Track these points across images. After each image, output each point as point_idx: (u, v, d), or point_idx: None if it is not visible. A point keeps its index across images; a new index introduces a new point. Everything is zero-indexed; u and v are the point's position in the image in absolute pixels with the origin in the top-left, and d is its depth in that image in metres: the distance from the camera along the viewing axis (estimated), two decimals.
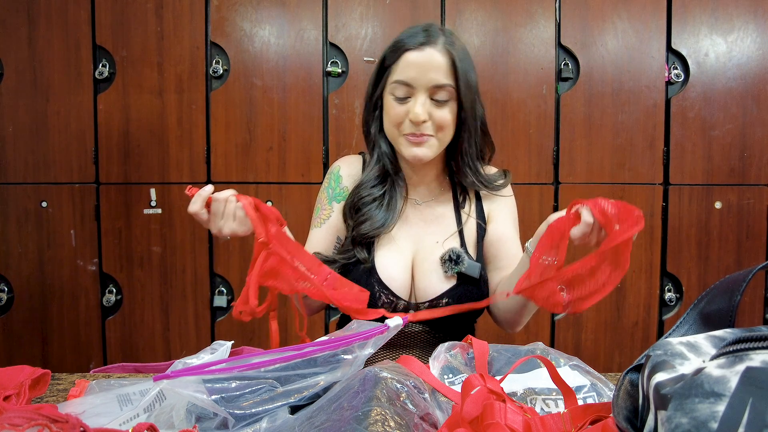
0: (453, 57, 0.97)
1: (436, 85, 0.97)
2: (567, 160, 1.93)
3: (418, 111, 0.97)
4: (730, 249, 1.93)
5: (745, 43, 1.90)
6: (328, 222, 1.11)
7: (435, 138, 1.01)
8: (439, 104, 0.99)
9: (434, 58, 0.97)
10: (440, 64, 0.97)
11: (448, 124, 1.00)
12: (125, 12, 1.92)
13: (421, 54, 0.97)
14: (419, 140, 1.00)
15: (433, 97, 0.98)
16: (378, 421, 0.48)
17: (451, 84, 0.98)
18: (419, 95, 0.98)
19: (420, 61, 0.97)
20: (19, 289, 1.99)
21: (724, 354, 0.36)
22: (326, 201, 1.13)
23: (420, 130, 0.99)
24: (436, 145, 1.01)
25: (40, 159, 1.95)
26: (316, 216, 1.14)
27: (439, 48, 0.98)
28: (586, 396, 0.60)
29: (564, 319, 1.96)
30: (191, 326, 1.98)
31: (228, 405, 0.58)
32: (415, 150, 1.00)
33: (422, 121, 0.98)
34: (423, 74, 0.97)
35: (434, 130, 1.00)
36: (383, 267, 1.05)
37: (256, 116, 1.93)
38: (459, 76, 0.97)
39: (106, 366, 0.87)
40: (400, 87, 0.99)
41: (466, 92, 0.99)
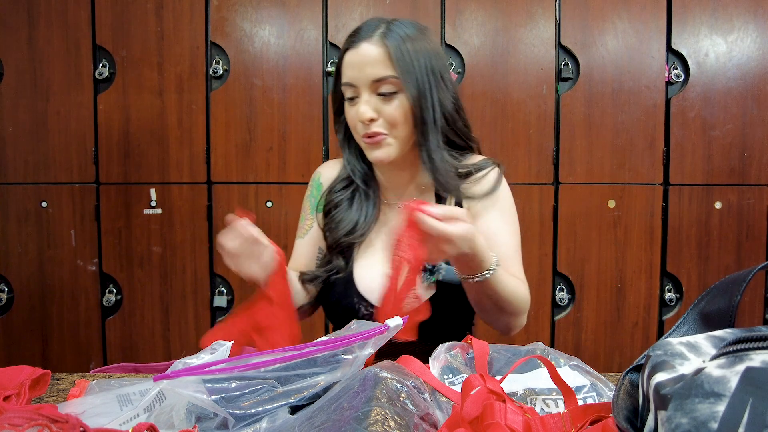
0: (388, 46, 0.92)
1: (375, 79, 0.93)
2: (567, 160, 1.93)
3: (362, 110, 0.93)
4: (730, 249, 1.93)
5: (745, 43, 1.90)
6: (310, 233, 1.09)
7: (390, 136, 0.95)
8: (387, 98, 0.93)
9: (369, 52, 0.93)
10: (376, 56, 0.92)
11: (399, 119, 0.94)
12: (125, 12, 1.92)
13: (356, 51, 0.94)
14: (375, 141, 0.95)
15: (378, 92, 0.93)
16: (378, 421, 0.48)
17: (391, 74, 0.92)
18: (363, 93, 0.94)
19: (356, 59, 0.94)
20: (19, 289, 1.99)
21: (724, 354, 0.36)
22: (309, 210, 1.10)
23: (371, 129, 0.94)
24: (395, 143, 0.96)
25: (40, 159, 1.95)
26: (300, 225, 1.11)
27: (374, 40, 0.93)
28: (586, 396, 0.60)
29: (564, 319, 1.96)
30: (191, 326, 1.98)
31: (228, 405, 0.58)
32: (374, 153, 0.96)
33: (368, 119, 0.93)
34: (361, 71, 0.93)
35: (387, 127, 0.95)
36: (361, 278, 1.01)
37: (256, 116, 1.93)
38: (396, 64, 0.92)
39: (106, 366, 0.87)
40: (347, 89, 0.96)
41: (411, 80, 0.92)
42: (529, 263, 1.92)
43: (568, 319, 1.96)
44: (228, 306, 1.98)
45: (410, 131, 0.96)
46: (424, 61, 0.94)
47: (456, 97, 1.00)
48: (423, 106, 0.94)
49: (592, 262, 1.94)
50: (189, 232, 1.96)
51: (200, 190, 1.95)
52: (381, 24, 0.96)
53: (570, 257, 1.94)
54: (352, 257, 1.03)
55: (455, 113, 1.00)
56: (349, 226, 1.02)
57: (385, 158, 0.96)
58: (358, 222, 1.02)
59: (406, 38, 0.94)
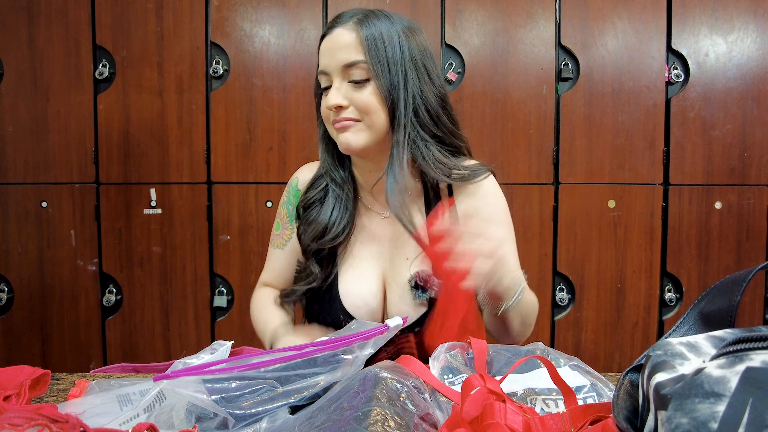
0: (359, 31, 0.88)
1: (345, 64, 0.89)
2: (567, 160, 1.93)
3: (331, 96, 0.89)
4: (730, 249, 1.93)
5: (745, 44, 1.90)
6: (289, 244, 1.03)
7: (362, 122, 0.90)
8: (358, 85, 0.89)
9: (341, 38, 0.89)
10: (347, 41, 0.89)
11: (371, 105, 0.89)
12: (125, 12, 1.92)
13: (330, 37, 0.91)
14: (342, 125, 0.90)
15: (350, 80, 0.89)
16: (378, 421, 0.48)
17: (362, 60, 0.88)
18: (335, 80, 0.90)
19: (330, 44, 0.91)
20: (19, 289, 1.99)
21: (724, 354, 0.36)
22: (287, 218, 1.04)
23: (340, 116, 0.90)
24: (365, 130, 0.90)
25: (40, 159, 1.95)
26: (277, 233, 1.05)
27: (348, 26, 0.90)
28: (586, 396, 0.60)
29: (564, 319, 1.96)
30: (191, 326, 1.98)
31: (228, 405, 0.58)
32: (342, 137, 0.91)
33: (336, 106, 0.89)
34: (332, 57, 0.90)
35: (358, 114, 0.90)
36: (347, 293, 0.95)
37: (256, 116, 1.93)
38: (367, 49, 0.88)
39: (106, 366, 0.87)
40: (322, 77, 0.93)
41: (382, 67, 0.88)
42: (529, 263, 1.93)
43: (568, 319, 1.96)
44: (228, 306, 1.98)
45: (384, 121, 0.90)
46: (402, 51, 0.90)
47: (443, 95, 0.95)
48: (395, 96, 0.89)
49: (592, 262, 1.94)
50: (189, 232, 1.96)
51: (200, 190, 1.95)
52: (360, 12, 0.92)
53: (570, 257, 1.94)
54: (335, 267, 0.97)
55: (440, 109, 0.93)
56: (318, 228, 0.96)
57: (353, 143, 0.90)
58: (329, 225, 0.96)
59: (384, 26, 0.90)
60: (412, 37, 0.93)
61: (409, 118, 0.90)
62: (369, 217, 1.00)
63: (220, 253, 1.96)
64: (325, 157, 1.01)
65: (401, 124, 0.90)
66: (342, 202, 0.98)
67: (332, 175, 0.99)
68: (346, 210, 0.97)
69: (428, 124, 0.92)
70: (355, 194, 1.01)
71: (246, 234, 1.95)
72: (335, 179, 0.99)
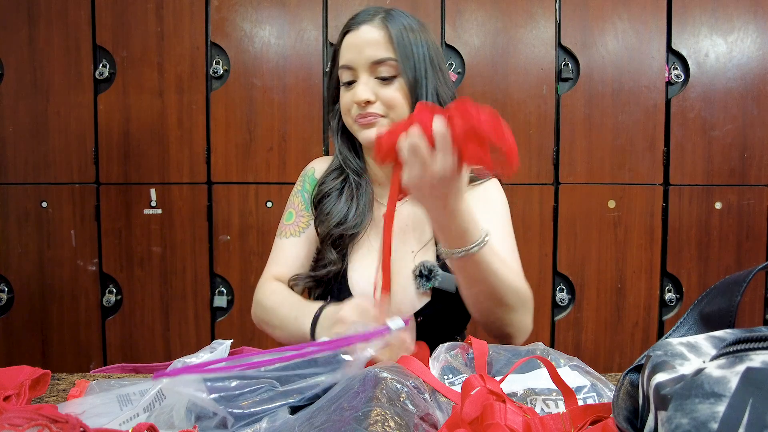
0: (389, 29, 0.92)
1: (374, 60, 0.92)
2: (567, 160, 1.93)
3: (359, 91, 0.92)
4: (730, 249, 1.93)
5: (745, 44, 1.90)
6: (307, 231, 1.03)
7: (387, 118, 0.93)
8: (385, 82, 0.92)
9: (370, 34, 0.92)
10: (376, 38, 0.92)
11: (397, 102, 0.92)
12: (125, 12, 1.92)
13: (357, 33, 0.93)
14: (368, 121, 0.92)
15: (377, 76, 0.92)
16: (378, 421, 0.48)
17: (391, 57, 0.91)
18: (362, 75, 0.93)
19: (356, 40, 0.93)
20: (19, 289, 1.99)
21: (724, 354, 0.36)
22: (302, 206, 1.05)
23: (366, 111, 0.92)
24: (388, 125, 0.93)
25: (40, 159, 1.95)
26: (290, 222, 1.04)
27: (376, 23, 0.93)
28: (586, 396, 0.60)
29: (564, 319, 1.96)
30: (191, 326, 1.98)
31: (228, 404, 0.58)
32: (366, 132, 0.93)
33: (365, 101, 0.91)
34: (360, 52, 0.92)
35: (384, 110, 0.93)
36: (355, 282, 0.97)
37: (256, 116, 1.93)
38: (396, 47, 0.91)
39: (106, 366, 0.87)
40: (344, 72, 0.95)
41: (409, 65, 0.92)
42: (529, 263, 1.92)
43: (568, 319, 1.96)
44: (228, 306, 1.98)
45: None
46: (423, 50, 0.94)
47: (453, 93, 0.99)
48: (419, 93, 0.93)
49: (592, 263, 1.94)
50: (189, 232, 1.96)
51: (200, 190, 1.95)
52: (382, 10, 0.96)
53: (570, 257, 1.94)
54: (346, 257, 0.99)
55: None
56: (339, 216, 0.98)
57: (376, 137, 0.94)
58: (349, 213, 0.98)
59: (407, 25, 0.94)
60: (428, 35, 0.97)
61: None
62: (379, 210, 1.02)
63: (220, 253, 1.96)
64: (342, 148, 1.03)
65: None
66: (362, 193, 1.00)
67: (350, 164, 1.02)
68: (364, 200, 1.00)
69: None
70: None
71: (246, 234, 1.95)
72: (354, 169, 1.02)
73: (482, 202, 0.99)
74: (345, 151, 1.03)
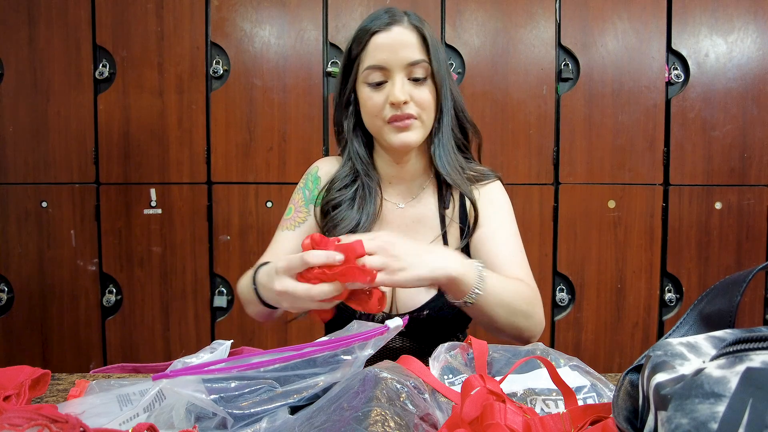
0: (422, 32, 0.94)
1: (411, 62, 0.93)
2: (567, 160, 1.93)
3: (398, 92, 0.92)
4: (730, 249, 1.93)
5: (745, 44, 1.90)
6: (303, 226, 1.04)
7: (419, 120, 0.95)
8: (418, 83, 0.95)
9: (404, 36, 0.94)
10: (411, 40, 0.94)
11: (429, 103, 0.95)
12: (125, 12, 1.92)
13: (390, 34, 0.94)
14: (405, 124, 0.94)
15: (410, 77, 0.94)
16: (378, 421, 0.48)
17: (425, 59, 0.94)
18: (396, 76, 0.93)
19: (390, 41, 0.93)
20: (19, 289, 1.99)
21: (724, 354, 0.36)
22: (302, 203, 1.06)
23: (403, 111, 0.93)
24: (421, 127, 0.96)
25: (40, 159, 1.95)
26: (288, 217, 1.06)
27: (406, 25, 0.95)
28: (586, 396, 0.60)
29: (564, 319, 1.96)
30: (191, 326, 1.98)
31: (227, 405, 0.58)
32: (402, 136, 0.95)
33: (403, 101, 0.93)
34: (395, 53, 0.93)
35: (418, 111, 0.95)
36: None
37: (256, 116, 1.93)
38: (431, 50, 0.94)
39: (106, 366, 0.87)
40: (374, 72, 0.94)
41: (439, 67, 0.95)
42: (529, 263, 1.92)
43: (568, 319, 1.96)
44: (228, 306, 1.98)
45: (433, 119, 0.98)
46: (443, 54, 0.99)
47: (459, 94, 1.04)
48: (444, 94, 0.97)
49: (592, 263, 1.94)
50: (189, 232, 1.96)
51: (200, 190, 1.95)
52: (401, 12, 0.97)
53: (570, 257, 1.94)
54: None
55: (463, 104, 1.03)
56: (351, 225, 0.99)
57: (413, 141, 0.96)
58: (360, 221, 1.00)
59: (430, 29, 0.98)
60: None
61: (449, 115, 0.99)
62: (386, 208, 1.04)
63: (220, 253, 1.96)
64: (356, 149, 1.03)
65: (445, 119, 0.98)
66: (372, 199, 1.02)
67: (365, 168, 1.03)
68: (374, 206, 1.02)
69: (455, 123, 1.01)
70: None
71: (246, 234, 1.95)
72: (368, 173, 1.03)
73: (488, 204, 1.03)
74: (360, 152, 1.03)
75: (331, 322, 0.99)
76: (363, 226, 1.00)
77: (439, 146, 0.99)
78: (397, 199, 1.05)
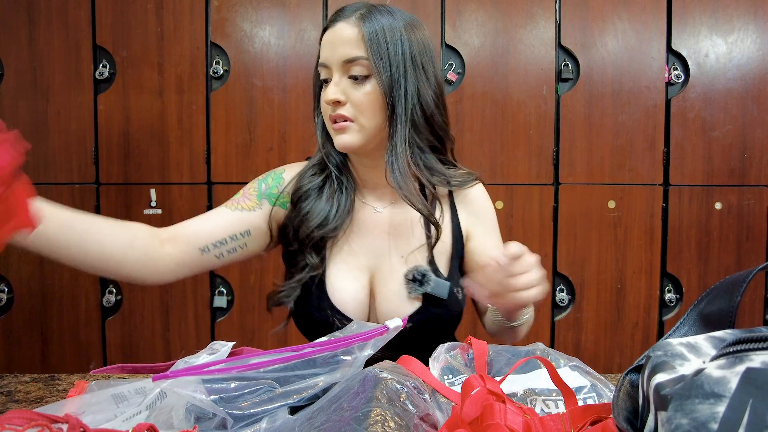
0: (362, 27, 0.88)
1: (346, 59, 0.88)
2: (567, 160, 1.93)
3: (329, 91, 0.89)
4: (730, 250, 1.93)
5: (745, 44, 1.90)
6: (246, 213, 0.96)
7: (356, 123, 0.89)
8: (357, 82, 0.88)
9: (343, 32, 0.88)
10: (349, 36, 0.88)
11: (366, 104, 0.88)
12: (125, 12, 1.92)
13: (333, 30, 0.90)
14: (340, 126, 0.90)
15: (349, 75, 0.89)
16: (378, 421, 0.48)
17: (362, 56, 0.87)
18: (334, 74, 0.89)
19: (330, 37, 0.90)
20: (19, 289, 1.99)
21: (724, 355, 0.36)
22: (254, 192, 0.99)
23: (336, 111, 0.89)
24: (360, 131, 0.90)
25: (40, 159, 1.95)
26: (235, 198, 0.99)
27: (351, 21, 0.89)
28: (586, 397, 0.60)
29: (564, 319, 1.96)
30: (191, 326, 1.98)
31: (227, 405, 0.58)
32: (338, 138, 0.91)
33: (333, 100, 0.88)
34: (333, 50, 0.89)
35: (353, 113, 0.89)
36: (335, 289, 0.93)
37: (257, 117, 1.93)
38: (368, 46, 0.87)
39: (106, 367, 0.87)
40: (321, 70, 0.92)
41: (383, 64, 0.87)
42: None
43: (568, 319, 1.96)
44: (228, 306, 1.98)
45: (380, 121, 0.90)
46: (403, 48, 0.89)
47: (439, 93, 0.94)
48: (395, 94, 0.88)
49: (592, 263, 1.94)
50: None
51: (200, 190, 1.95)
52: (363, 6, 0.91)
53: (570, 258, 1.94)
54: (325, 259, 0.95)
55: (435, 108, 0.93)
56: (320, 217, 0.93)
57: (347, 144, 0.90)
58: (330, 213, 0.94)
59: (387, 22, 0.89)
60: (413, 33, 0.92)
61: (408, 116, 0.90)
62: (363, 211, 0.99)
63: None
64: (325, 143, 0.99)
65: (399, 122, 0.89)
66: (343, 192, 0.96)
67: (333, 159, 0.97)
68: (346, 200, 0.96)
69: (422, 125, 0.92)
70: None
71: None
72: (336, 164, 0.97)
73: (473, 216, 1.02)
74: (328, 147, 0.98)
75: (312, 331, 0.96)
76: (333, 220, 0.94)
77: (392, 153, 0.90)
78: (375, 203, 0.99)
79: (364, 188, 1.00)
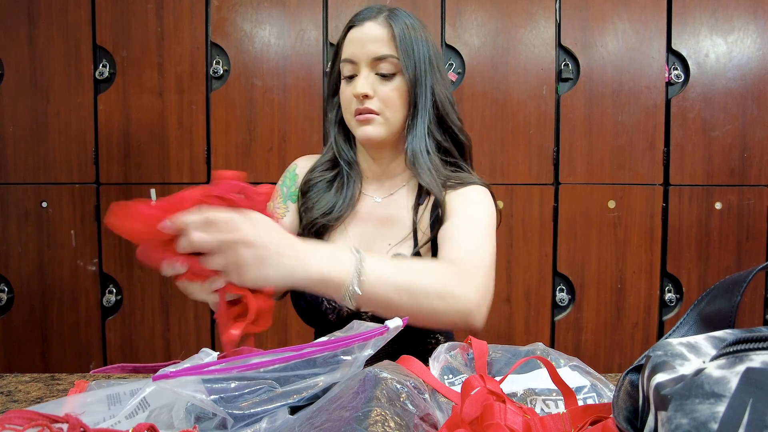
0: (393, 28, 0.95)
1: (376, 57, 0.95)
2: (567, 160, 1.93)
3: (359, 85, 0.95)
4: (730, 250, 1.93)
5: (746, 44, 1.90)
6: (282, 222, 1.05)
7: (381, 116, 0.96)
8: (385, 79, 0.96)
9: (373, 31, 0.96)
10: (379, 35, 0.95)
11: (394, 99, 0.96)
12: (125, 12, 1.92)
13: (362, 29, 0.97)
14: (365, 118, 0.96)
15: (377, 72, 0.96)
16: (378, 421, 0.48)
17: (392, 54, 0.95)
18: (362, 70, 0.96)
19: (359, 36, 0.96)
20: (19, 289, 1.99)
21: (724, 355, 0.36)
22: (280, 200, 1.08)
23: (364, 105, 0.95)
24: (384, 124, 0.97)
25: (41, 159, 1.95)
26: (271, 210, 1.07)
27: (380, 21, 0.96)
28: (586, 397, 0.60)
29: (564, 319, 1.96)
30: (191, 326, 1.98)
31: (227, 405, 0.58)
32: (363, 129, 0.97)
33: (363, 95, 0.95)
34: (362, 48, 0.96)
35: (380, 107, 0.96)
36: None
37: (257, 116, 1.93)
38: (399, 45, 0.94)
39: (106, 366, 0.87)
40: (346, 65, 0.98)
41: (410, 63, 0.95)
42: (529, 263, 1.93)
43: (568, 319, 1.96)
44: None
45: (402, 117, 0.98)
46: (424, 49, 0.97)
47: (451, 94, 1.02)
48: (417, 92, 0.96)
49: (592, 263, 1.94)
50: None
51: None
52: (385, 8, 0.99)
53: (570, 258, 1.94)
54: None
55: (449, 106, 1.00)
56: (326, 206, 1.01)
57: (373, 136, 0.97)
58: (336, 204, 1.01)
59: (410, 24, 0.98)
60: (429, 36, 1.01)
61: (427, 114, 0.97)
62: (362, 201, 1.05)
63: None
64: (337, 140, 1.06)
65: (420, 116, 0.97)
66: (351, 186, 1.03)
67: (344, 155, 1.05)
68: (352, 193, 1.03)
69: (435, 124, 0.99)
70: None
71: None
72: (347, 160, 1.05)
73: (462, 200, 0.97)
74: (340, 143, 1.05)
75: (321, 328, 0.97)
76: (338, 209, 1.00)
77: (413, 143, 0.97)
78: (375, 194, 1.06)
79: (366, 180, 1.07)
